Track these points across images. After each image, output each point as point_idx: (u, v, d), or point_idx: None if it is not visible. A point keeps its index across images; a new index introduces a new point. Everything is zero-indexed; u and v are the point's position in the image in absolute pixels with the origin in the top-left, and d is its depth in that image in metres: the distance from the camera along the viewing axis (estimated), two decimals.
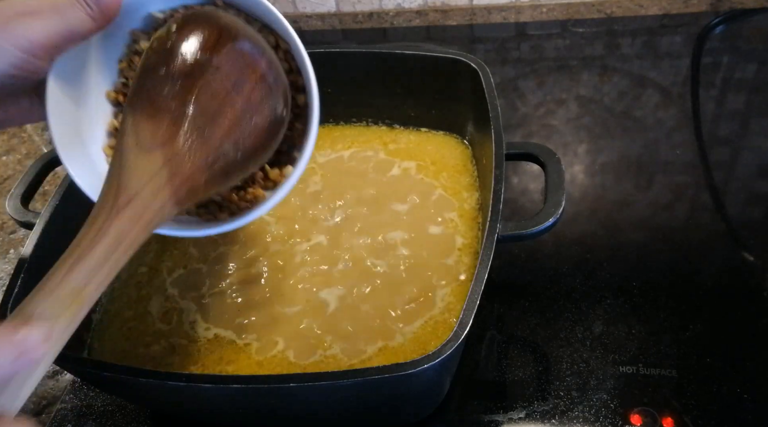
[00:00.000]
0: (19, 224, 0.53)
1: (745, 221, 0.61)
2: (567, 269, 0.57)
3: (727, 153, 0.68)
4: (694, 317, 0.52)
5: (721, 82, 0.76)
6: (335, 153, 0.64)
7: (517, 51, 0.86)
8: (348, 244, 0.55)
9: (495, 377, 0.50)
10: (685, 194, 0.63)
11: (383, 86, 0.63)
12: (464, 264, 0.53)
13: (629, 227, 0.61)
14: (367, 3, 0.94)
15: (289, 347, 0.49)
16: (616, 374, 0.49)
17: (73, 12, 0.32)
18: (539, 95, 0.77)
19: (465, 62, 0.57)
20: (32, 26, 0.31)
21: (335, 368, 0.47)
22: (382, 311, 0.50)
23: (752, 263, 0.57)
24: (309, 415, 0.46)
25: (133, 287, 0.55)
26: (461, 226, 0.56)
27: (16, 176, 0.76)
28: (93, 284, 0.29)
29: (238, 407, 0.43)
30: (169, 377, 0.39)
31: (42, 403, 0.53)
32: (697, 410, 0.47)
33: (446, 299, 0.50)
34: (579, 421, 0.47)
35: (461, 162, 0.62)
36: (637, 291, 0.55)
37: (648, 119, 0.72)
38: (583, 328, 0.53)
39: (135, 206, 0.31)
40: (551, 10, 0.90)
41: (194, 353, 0.49)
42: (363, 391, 0.40)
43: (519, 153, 0.51)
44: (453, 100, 0.61)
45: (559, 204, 0.46)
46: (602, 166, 0.67)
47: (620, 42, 0.84)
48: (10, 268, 0.65)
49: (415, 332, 0.48)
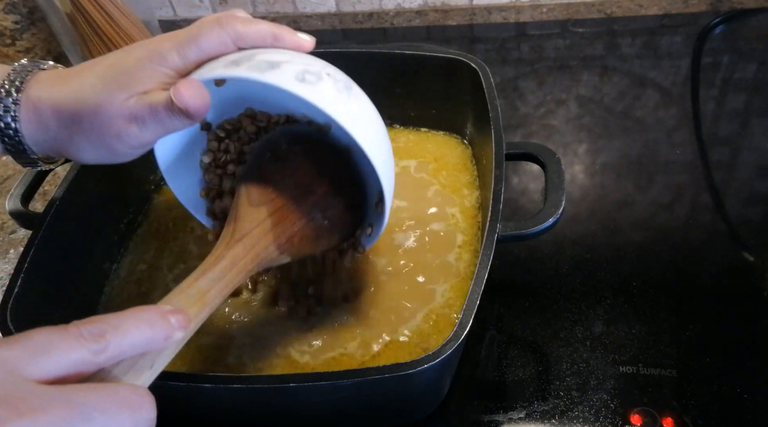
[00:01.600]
0: (19, 224, 0.53)
1: (745, 221, 0.61)
2: (567, 269, 0.57)
3: (727, 153, 0.68)
4: (694, 317, 0.52)
5: (721, 82, 0.76)
6: None
7: (517, 51, 0.86)
8: None
9: (495, 377, 0.50)
10: (685, 194, 0.63)
11: (383, 86, 0.63)
12: (464, 261, 0.53)
13: (629, 227, 0.61)
14: (367, 3, 0.94)
15: (290, 345, 0.49)
16: (616, 374, 0.49)
17: (171, 122, 0.38)
18: (539, 95, 0.77)
19: (465, 62, 0.57)
20: (139, 136, 0.38)
21: (342, 365, 0.47)
22: (386, 306, 0.50)
23: (752, 263, 0.57)
24: (309, 415, 0.46)
25: (134, 283, 0.55)
26: (462, 222, 0.56)
27: (16, 176, 0.76)
28: (214, 290, 0.36)
29: (238, 407, 0.43)
30: (169, 377, 0.39)
31: None
32: (697, 410, 0.47)
33: (446, 295, 0.50)
34: (579, 421, 0.47)
35: (461, 161, 0.62)
36: (637, 291, 0.55)
37: (648, 119, 0.72)
38: (583, 328, 0.53)
39: (246, 241, 0.40)
40: (551, 10, 0.90)
41: (194, 346, 0.49)
42: (363, 391, 0.40)
43: (519, 153, 0.51)
44: (453, 100, 0.61)
45: (559, 204, 0.46)
46: (602, 166, 0.67)
47: (620, 42, 0.84)
48: (10, 268, 0.65)
49: (419, 326, 0.49)
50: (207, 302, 0.35)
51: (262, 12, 0.97)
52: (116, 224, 0.58)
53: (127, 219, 0.59)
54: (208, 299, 0.35)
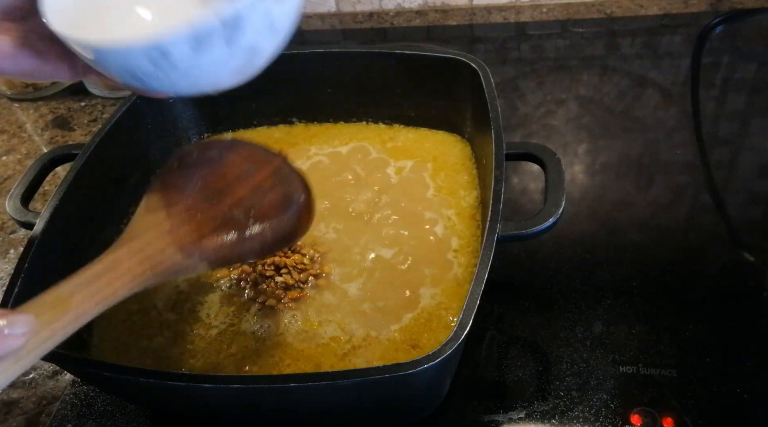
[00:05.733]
0: (19, 224, 0.53)
1: (745, 221, 0.61)
2: (567, 269, 0.57)
3: (727, 153, 0.68)
4: (694, 317, 0.52)
5: (721, 82, 0.76)
6: (332, 149, 0.64)
7: (517, 51, 0.86)
8: (344, 238, 0.55)
9: (495, 377, 0.50)
10: (685, 194, 0.63)
11: (383, 86, 0.63)
12: (460, 262, 0.53)
13: (629, 227, 0.61)
14: (367, 3, 0.94)
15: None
16: (616, 374, 0.49)
17: None
18: (539, 95, 0.77)
19: (465, 62, 0.57)
20: None
21: (331, 355, 0.48)
22: (379, 305, 0.50)
23: (752, 263, 0.57)
24: (309, 415, 0.46)
25: None
26: (458, 224, 0.56)
27: (16, 176, 0.76)
28: (80, 295, 0.34)
29: (238, 406, 0.43)
30: (169, 377, 0.39)
31: (42, 403, 0.53)
32: (697, 410, 0.47)
33: (437, 298, 0.50)
34: (579, 421, 0.47)
35: (460, 160, 0.62)
36: (637, 291, 0.55)
37: (648, 119, 0.72)
38: (583, 328, 0.53)
39: (132, 244, 0.38)
40: (551, 10, 0.90)
41: (199, 341, 0.49)
42: (363, 391, 0.40)
43: (519, 153, 0.51)
44: (453, 101, 0.61)
45: (559, 204, 0.46)
46: (602, 166, 0.67)
47: (620, 42, 0.84)
48: (10, 268, 0.65)
49: (408, 325, 0.49)
50: (69, 307, 0.33)
51: None
52: (116, 223, 0.58)
53: (128, 218, 0.59)
54: (70, 305, 0.33)
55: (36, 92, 0.87)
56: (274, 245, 0.43)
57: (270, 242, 0.42)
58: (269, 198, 0.43)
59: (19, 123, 0.85)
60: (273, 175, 0.44)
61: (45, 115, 0.85)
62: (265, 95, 0.64)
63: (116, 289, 0.36)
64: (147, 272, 0.37)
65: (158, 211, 0.40)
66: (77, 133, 0.82)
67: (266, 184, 0.43)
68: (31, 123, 0.85)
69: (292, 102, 0.66)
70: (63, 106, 0.86)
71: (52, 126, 0.84)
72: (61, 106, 0.86)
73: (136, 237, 0.38)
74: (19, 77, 0.36)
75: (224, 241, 0.40)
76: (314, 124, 0.68)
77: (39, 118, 0.85)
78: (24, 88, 0.87)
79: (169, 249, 0.38)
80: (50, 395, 0.53)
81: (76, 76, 0.36)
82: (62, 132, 0.82)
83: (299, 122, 0.68)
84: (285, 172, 0.45)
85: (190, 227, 0.40)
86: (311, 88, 0.65)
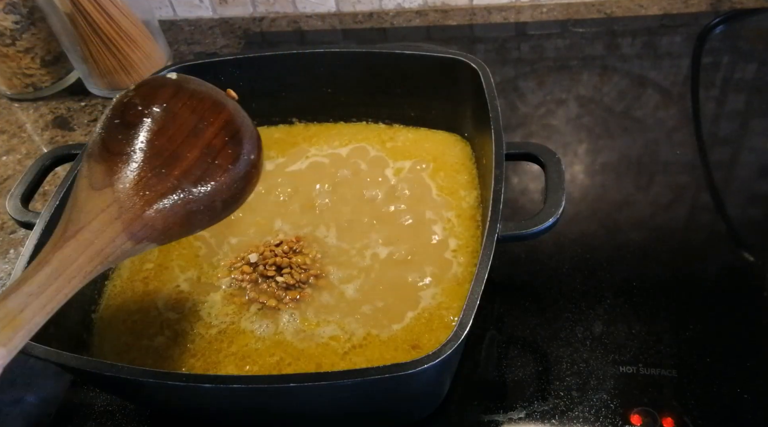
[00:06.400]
0: (19, 224, 0.53)
1: (745, 221, 0.61)
2: (567, 269, 0.57)
3: (727, 153, 0.68)
4: (694, 317, 0.52)
5: (721, 82, 0.76)
6: (332, 150, 0.64)
7: (517, 51, 0.86)
8: (344, 240, 0.55)
9: (495, 377, 0.50)
10: (685, 194, 0.63)
11: (383, 86, 0.63)
12: (460, 262, 0.53)
13: (629, 227, 0.61)
14: (367, 3, 0.94)
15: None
16: (616, 374, 0.49)
17: None
18: (539, 95, 0.77)
19: (465, 62, 0.57)
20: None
21: (331, 354, 0.47)
22: (379, 305, 0.50)
23: (752, 263, 0.57)
24: (309, 415, 0.46)
25: (140, 282, 0.55)
26: (458, 225, 0.56)
27: (16, 176, 0.76)
28: (30, 309, 0.30)
29: (238, 406, 0.43)
30: (169, 377, 0.39)
31: (42, 403, 0.53)
32: (697, 410, 0.47)
33: (437, 298, 0.50)
34: (579, 421, 0.47)
35: (460, 160, 0.62)
36: (637, 291, 0.55)
37: (648, 119, 0.72)
38: (583, 328, 0.53)
39: (81, 237, 0.33)
40: (551, 10, 0.90)
41: (199, 341, 0.49)
42: (363, 391, 0.40)
43: (519, 153, 0.51)
44: (453, 101, 0.61)
45: (559, 204, 0.46)
46: (602, 166, 0.67)
47: (620, 42, 0.84)
48: (10, 268, 0.65)
49: (408, 325, 0.49)
50: (21, 324, 0.30)
51: (262, 12, 0.97)
52: None
53: None
54: (22, 321, 0.30)
55: (36, 92, 0.87)
56: (223, 213, 0.40)
57: (219, 210, 0.40)
58: (219, 161, 0.39)
59: (19, 123, 0.85)
60: (223, 130, 0.39)
61: (45, 115, 0.85)
62: (265, 95, 0.64)
63: (67, 293, 0.33)
64: (97, 267, 0.34)
65: (104, 190, 0.35)
66: (77, 133, 0.82)
67: (216, 143, 0.39)
68: (31, 123, 0.85)
69: (291, 102, 0.66)
70: (63, 106, 0.86)
71: (52, 126, 0.84)
72: (61, 106, 0.86)
73: (84, 226, 0.34)
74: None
75: (174, 218, 0.37)
76: (314, 124, 0.68)
77: (39, 118, 0.85)
78: (24, 88, 0.87)
79: (120, 239, 0.35)
80: (50, 395, 0.53)
81: None
82: (62, 132, 0.82)
83: (299, 122, 0.68)
84: (236, 123, 0.41)
85: (138, 208, 0.35)
86: (311, 88, 0.65)
